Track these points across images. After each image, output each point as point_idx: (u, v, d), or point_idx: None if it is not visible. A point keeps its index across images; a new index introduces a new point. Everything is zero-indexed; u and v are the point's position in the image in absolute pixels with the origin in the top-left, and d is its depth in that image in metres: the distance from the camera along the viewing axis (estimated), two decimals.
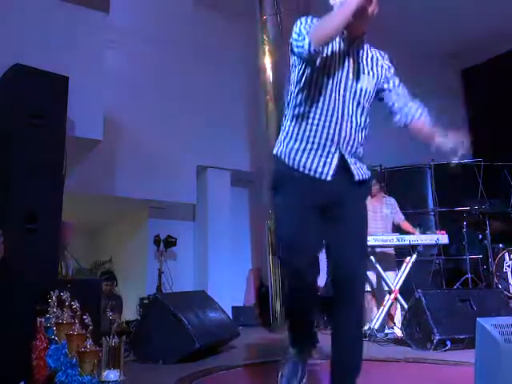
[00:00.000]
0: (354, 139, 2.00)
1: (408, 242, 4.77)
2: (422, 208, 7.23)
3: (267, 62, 6.11)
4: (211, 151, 7.07)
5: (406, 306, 4.42)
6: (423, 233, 5.00)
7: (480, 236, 6.35)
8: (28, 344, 2.49)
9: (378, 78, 2.09)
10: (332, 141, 1.96)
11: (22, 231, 3.41)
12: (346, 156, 1.98)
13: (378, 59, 2.12)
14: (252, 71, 6.52)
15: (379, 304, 4.89)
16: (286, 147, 2.02)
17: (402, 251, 5.12)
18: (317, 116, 1.98)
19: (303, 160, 1.97)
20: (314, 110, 1.99)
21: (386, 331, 4.72)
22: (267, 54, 6.13)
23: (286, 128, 2.07)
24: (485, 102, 9.29)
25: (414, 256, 4.81)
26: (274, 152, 2.08)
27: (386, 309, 4.73)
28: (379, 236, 4.81)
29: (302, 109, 2.01)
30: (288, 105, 2.11)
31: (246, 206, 7.86)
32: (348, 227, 1.95)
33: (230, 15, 7.34)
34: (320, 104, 1.98)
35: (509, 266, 6.03)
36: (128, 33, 6.66)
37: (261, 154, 6.27)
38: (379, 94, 2.14)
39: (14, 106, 3.65)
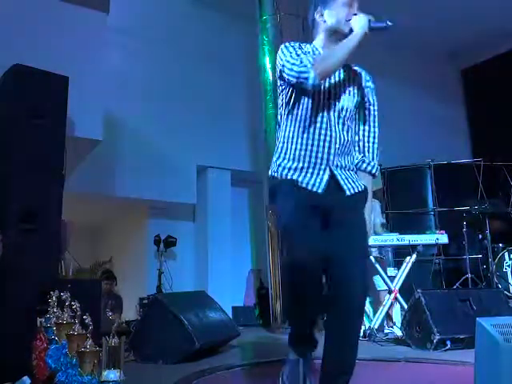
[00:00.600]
0: (343, 155, 2.11)
1: (408, 242, 4.78)
2: (422, 208, 7.23)
3: (267, 61, 6.12)
4: (211, 151, 7.08)
5: (405, 306, 4.43)
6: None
7: (480, 236, 6.36)
8: (28, 344, 2.49)
9: (357, 98, 2.18)
10: (322, 159, 2.07)
11: (21, 231, 3.40)
12: (337, 172, 2.08)
13: (360, 79, 2.22)
14: (252, 71, 6.53)
15: (375, 304, 4.90)
16: (283, 168, 2.12)
17: (402, 251, 5.13)
18: (305, 135, 2.09)
19: (299, 178, 2.07)
20: (303, 130, 2.10)
21: (386, 331, 4.73)
22: (267, 53, 6.13)
23: (279, 150, 2.17)
24: (485, 101, 9.30)
25: (414, 256, 4.82)
26: (271, 173, 2.18)
27: (385, 308, 4.74)
28: (379, 236, 4.81)
29: (292, 130, 2.13)
30: (279, 126, 2.21)
31: (246, 207, 7.87)
32: (343, 238, 2.01)
33: (229, 15, 7.35)
34: (308, 125, 2.10)
35: (509, 266, 6.04)
36: (128, 32, 6.66)
37: (261, 153, 6.28)
38: (358, 116, 2.23)
39: (14, 106, 3.65)
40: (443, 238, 4.85)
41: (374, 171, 2.21)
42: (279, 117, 2.22)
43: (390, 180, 7.20)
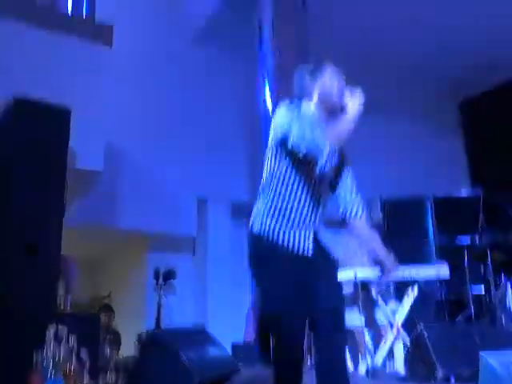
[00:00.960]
0: (319, 220, 2.31)
1: (409, 275, 4.73)
2: (423, 240, 7.19)
3: (265, 94, 6.19)
4: (211, 183, 7.10)
5: (408, 341, 4.35)
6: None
7: (482, 268, 6.30)
8: (23, 380, 2.44)
9: (333, 165, 2.36)
10: (304, 222, 2.24)
11: (20, 262, 3.38)
12: (318, 235, 2.30)
13: (335, 149, 2.29)
14: (251, 104, 6.60)
15: (375, 339, 4.82)
16: (269, 227, 2.26)
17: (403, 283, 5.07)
18: (289, 200, 2.25)
19: (286, 238, 2.23)
20: (288, 195, 2.25)
21: (388, 367, 4.63)
22: (266, 86, 6.22)
23: (264, 211, 2.31)
24: (482, 134, 9.38)
25: (416, 289, 4.76)
26: (255, 231, 2.35)
27: (388, 344, 4.65)
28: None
29: (277, 195, 2.27)
30: (263, 190, 2.36)
31: (245, 239, 7.81)
32: (324, 297, 2.19)
33: (229, 50, 7.48)
34: (292, 192, 2.25)
35: None
36: (130, 66, 6.77)
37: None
38: (334, 181, 2.41)
39: (16, 139, 3.67)
40: (445, 271, 4.81)
41: (363, 218, 2.41)
42: (265, 179, 2.35)
43: (389, 212, 7.18)
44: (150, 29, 7.25)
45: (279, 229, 2.24)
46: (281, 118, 2.22)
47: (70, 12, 6.23)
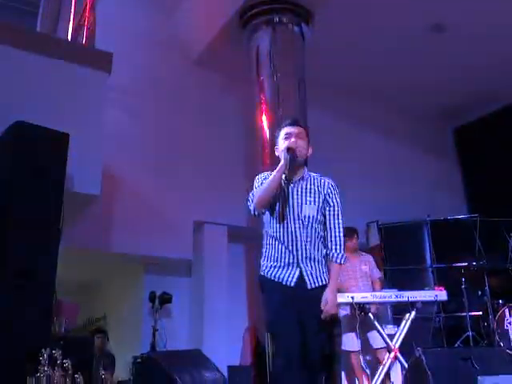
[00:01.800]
0: (311, 252, 2.65)
1: (407, 299, 4.72)
2: (420, 264, 7.20)
3: (264, 120, 6.26)
4: (208, 207, 7.11)
5: (405, 365, 4.32)
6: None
7: (479, 292, 6.29)
8: None
9: (318, 204, 2.71)
10: (293, 258, 2.64)
11: (15, 286, 3.36)
12: (304, 269, 2.63)
13: (319, 188, 2.74)
14: (249, 128, 6.67)
15: (373, 363, 4.79)
16: (266, 267, 2.70)
17: (401, 308, 5.06)
18: (277, 243, 2.68)
19: (277, 274, 2.66)
20: (276, 236, 2.68)
21: None
22: (264, 112, 6.29)
23: (264, 253, 2.76)
24: (478, 159, 9.47)
25: (413, 313, 4.74)
26: (260, 273, 2.74)
27: (385, 368, 4.62)
28: (377, 293, 4.76)
29: (269, 236, 2.72)
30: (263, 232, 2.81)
31: (242, 263, 7.80)
32: (306, 325, 2.54)
33: (228, 76, 7.58)
34: (279, 233, 2.67)
35: (510, 323, 5.93)
36: (128, 91, 6.85)
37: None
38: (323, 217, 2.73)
39: (14, 162, 3.70)
40: (442, 295, 4.80)
41: (339, 261, 2.67)
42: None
43: (387, 236, 7.20)
44: (149, 55, 7.36)
45: (272, 267, 2.73)
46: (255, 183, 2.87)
47: (69, 38, 6.33)
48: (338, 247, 2.69)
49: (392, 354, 4.60)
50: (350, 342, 4.93)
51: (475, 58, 7.90)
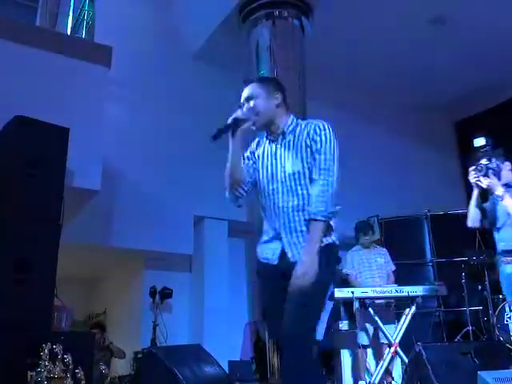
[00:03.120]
0: (293, 222, 2.25)
1: (407, 294, 4.72)
2: (420, 259, 7.20)
3: None
4: (208, 202, 7.10)
5: (406, 360, 4.32)
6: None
7: (479, 287, 6.29)
8: None
9: (302, 160, 2.28)
10: (275, 230, 2.29)
11: (15, 281, 3.36)
12: (286, 241, 2.26)
13: (304, 139, 2.31)
14: None
15: (377, 357, 4.79)
16: (258, 246, 2.41)
17: (401, 303, 5.05)
18: (263, 211, 2.38)
19: (264, 252, 2.36)
20: (261, 207, 2.38)
21: None
22: None
23: None
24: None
25: (413, 308, 4.74)
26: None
27: (385, 363, 4.62)
28: (377, 288, 4.76)
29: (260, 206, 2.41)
30: None
31: (242, 257, 7.80)
32: (288, 299, 2.16)
33: (228, 70, 7.55)
34: (262, 203, 2.37)
35: (510, 318, 5.93)
36: (128, 85, 6.83)
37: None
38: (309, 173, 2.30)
39: (14, 156, 3.69)
40: (442, 290, 4.80)
41: (314, 216, 2.17)
42: None
43: (387, 231, 7.20)
44: (149, 49, 7.33)
45: (260, 243, 2.45)
46: None
47: (69, 32, 6.31)
48: (318, 198, 2.17)
49: (392, 349, 4.60)
50: (360, 335, 4.97)
51: (476, 52, 7.88)
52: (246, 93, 2.54)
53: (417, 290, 4.75)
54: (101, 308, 7.85)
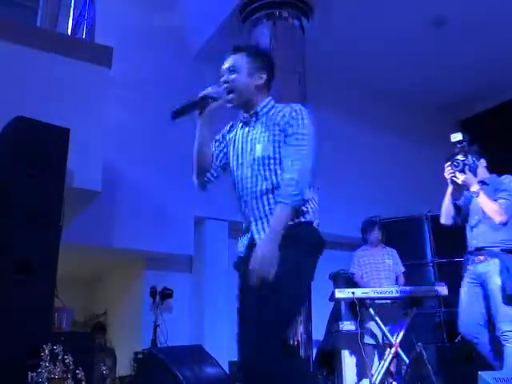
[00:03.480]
0: (263, 206, 2.10)
1: (407, 294, 4.71)
2: (421, 259, 7.19)
3: None
4: (209, 202, 7.09)
5: (407, 361, 4.32)
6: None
7: None
8: None
9: (274, 142, 2.11)
10: (245, 218, 2.17)
11: (15, 281, 3.36)
12: (255, 228, 2.11)
13: (278, 122, 2.13)
14: None
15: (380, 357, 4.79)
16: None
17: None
18: (237, 198, 2.22)
19: (239, 246, 2.25)
20: (235, 193, 2.24)
21: None
22: None
23: None
24: (483, 151, 9.42)
25: (414, 308, 4.74)
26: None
27: (386, 363, 4.62)
28: (378, 288, 4.76)
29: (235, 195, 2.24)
30: None
31: None
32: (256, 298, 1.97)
33: None
34: (234, 186, 2.24)
35: None
36: (129, 86, 6.82)
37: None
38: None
39: (14, 156, 3.69)
40: (443, 290, 4.80)
41: (280, 199, 1.99)
42: None
43: (387, 231, 7.18)
44: (149, 50, 7.33)
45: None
46: None
47: (69, 33, 6.31)
48: (289, 182, 1.97)
49: (393, 350, 4.60)
50: (367, 335, 4.96)
51: (477, 50, 7.86)
52: (229, 62, 2.25)
53: (418, 291, 4.75)
54: (101, 308, 7.85)
